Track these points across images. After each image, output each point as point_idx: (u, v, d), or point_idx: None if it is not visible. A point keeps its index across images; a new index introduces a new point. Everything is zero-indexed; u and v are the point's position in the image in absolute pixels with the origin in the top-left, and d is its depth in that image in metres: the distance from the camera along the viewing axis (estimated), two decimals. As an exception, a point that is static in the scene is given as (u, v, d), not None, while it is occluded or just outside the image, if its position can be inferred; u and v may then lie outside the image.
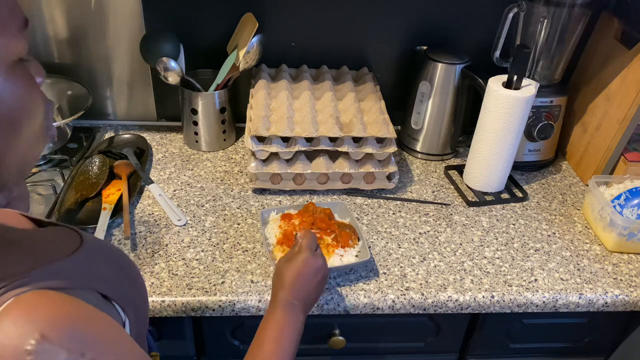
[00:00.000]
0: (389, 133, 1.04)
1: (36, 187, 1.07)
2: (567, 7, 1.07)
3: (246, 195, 1.07)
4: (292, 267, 0.72)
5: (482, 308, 0.89)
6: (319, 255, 0.76)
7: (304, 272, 0.72)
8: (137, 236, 0.95)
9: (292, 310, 0.70)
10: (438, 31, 1.22)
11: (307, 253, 0.74)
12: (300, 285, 0.72)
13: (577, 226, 1.06)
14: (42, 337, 0.37)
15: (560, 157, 1.28)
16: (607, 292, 0.91)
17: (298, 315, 0.70)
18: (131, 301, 0.52)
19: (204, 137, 1.19)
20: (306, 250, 0.74)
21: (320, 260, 0.74)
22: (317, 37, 1.21)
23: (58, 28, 1.15)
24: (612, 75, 1.12)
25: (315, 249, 0.76)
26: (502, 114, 1.02)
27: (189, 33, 1.17)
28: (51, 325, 0.38)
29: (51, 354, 0.37)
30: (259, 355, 0.65)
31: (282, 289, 0.71)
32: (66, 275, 0.45)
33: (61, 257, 0.47)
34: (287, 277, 0.72)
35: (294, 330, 0.68)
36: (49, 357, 0.37)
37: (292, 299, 0.70)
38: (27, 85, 0.45)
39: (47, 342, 0.37)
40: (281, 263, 0.75)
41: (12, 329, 0.37)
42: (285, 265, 0.73)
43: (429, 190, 1.13)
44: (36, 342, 0.37)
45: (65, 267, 0.46)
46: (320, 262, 0.74)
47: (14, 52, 0.43)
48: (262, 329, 0.68)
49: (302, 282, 0.72)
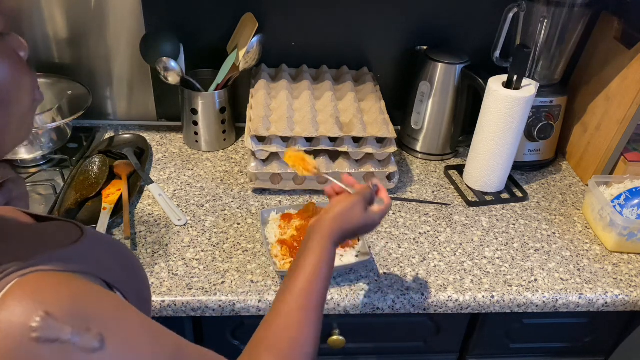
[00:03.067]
0: (389, 133, 1.04)
1: (36, 187, 1.07)
2: (567, 7, 1.07)
3: (246, 195, 1.07)
4: (338, 209, 0.69)
5: (482, 308, 0.89)
6: (372, 207, 0.73)
7: (358, 226, 0.70)
8: (137, 236, 0.95)
9: (332, 248, 0.67)
10: (438, 31, 1.22)
11: (360, 197, 0.71)
12: (349, 234, 0.70)
13: (577, 226, 1.06)
14: (47, 314, 0.38)
15: (560, 157, 1.28)
16: (607, 292, 0.91)
17: (334, 254, 0.68)
18: (134, 291, 0.53)
19: (204, 137, 1.19)
20: (361, 196, 0.71)
21: (378, 219, 0.72)
22: (317, 37, 1.21)
23: (58, 28, 1.15)
24: (612, 75, 1.12)
25: (369, 200, 0.73)
26: (502, 114, 1.02)
27: (189, 33, 1.17)
28: (55, 302, 0.39)
29: (56, 330, 0.38)
30: (295, 283, 0.63)
31: (331, 228, 0.68)
32: (68, 260, 0.45)
33: (63, 246, 0.48)
34: (342, 223, 0.69)
35: (330, 266, 0.66)
36: (55, 333, 0.38)
37: (337, 239, 0.68)
38: (9, 60, 0.44)
39: (52, 318, 0.38)
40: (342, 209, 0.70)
41: (17, 308, 0.38)
42: (332, 212, 0.70)
43: (429, 190, 1.13)
44: (41, 319, 0.38)
45: (67, 253, 0.47)
46: (377, 222, 0.73)
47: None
48: (301, 259, 0.66)
49: (352, 232, 0.70)
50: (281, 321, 0.60)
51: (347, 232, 0.70)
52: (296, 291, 0.62)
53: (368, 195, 0.73)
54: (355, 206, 0.70)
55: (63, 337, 0.38)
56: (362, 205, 0.71)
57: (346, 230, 0.69)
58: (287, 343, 0.59)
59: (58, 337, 0.38)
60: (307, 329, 0.61)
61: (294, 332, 0.60)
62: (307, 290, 0.63)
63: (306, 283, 0.63)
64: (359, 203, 0.71)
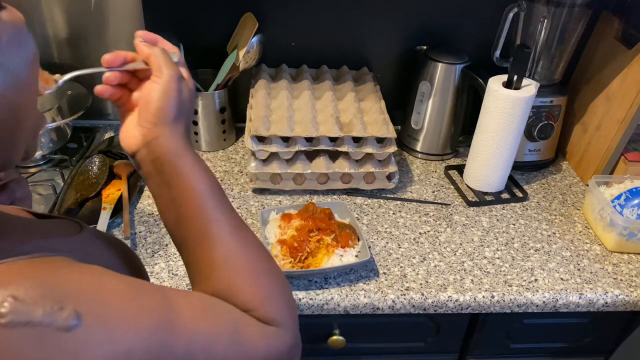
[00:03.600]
0: (389, 133, 1.04)
1: (36, 187, 1.07)
2: (567, 7, 1.07)
3: (246, 195, 1.07)
4: (171, 95, 0.55)
5: (482, 308, 0.89)
6: (181, 71, 0.58)
7: (181, 98, 0.56)
8: (137, 236, 0.95)
9: (192, 152, 0.56)
10: (438, 31, 1.22)
11: (171, 70, 0.56)
12: (184, 117, 0.57)
13: (577, 226, 1.06)
14: (14, 298, 0.37)
15: (560, 157, 1.28)
16: (607, 292, 0.91)
17: (195, 154, 0.56)
18: None
19: (204, 137, 1.19)
20: (174, 68, 0.57)
21: (188, 78, 0.59)
22: (317, 37, 1.21)
23: (58, 28, 1.15)
24: (612, 75, 1.12)
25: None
26: (502, 114, 1.02)
27: (189, 33, 1.17)
28: (21, 285, 0.38)
29: (26, 314, 0.37)
30: (214, 213, 0.55)
31: (168, 129, 0.55)
32: (55, 250, 0.44)
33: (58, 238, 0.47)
34: (167, 112, 0.55)
35: (206, 168, 0.57)
36: (24, 316, 0.36)
37: (187, 139, 0.57)
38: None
39: (19, 302, 0.37)
40: (146, 93, 0.56)
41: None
42: (161, 93, 0.55)
43: (429, 190, 1.13)
44: (9, 305, 0.36)
45: (59, 244, 0.46)
46: (190, 85, 0.59)
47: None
48: (189, 184, 0.55)
49: (186, 111, 0.57)
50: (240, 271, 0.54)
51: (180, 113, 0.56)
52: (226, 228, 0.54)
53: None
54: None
55: (34, 319, 0.37)
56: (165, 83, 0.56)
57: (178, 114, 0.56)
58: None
59: (29, 319, 0.36)
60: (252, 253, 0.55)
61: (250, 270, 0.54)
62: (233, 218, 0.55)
63: (223, 212, 0.55)
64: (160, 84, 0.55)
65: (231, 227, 0.55)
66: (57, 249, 0.44)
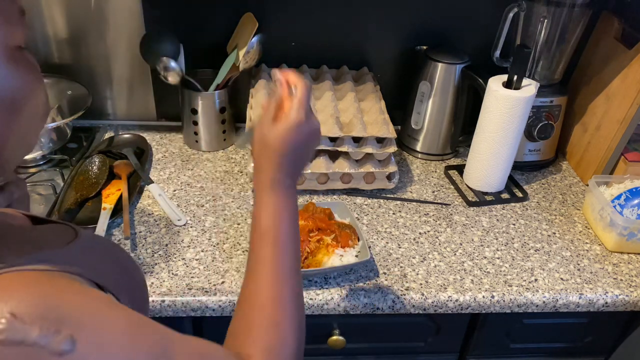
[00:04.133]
0: (389, 133, 1.04)
1: (36, 187, 1.07)
2: (567, 7, 1.07)
3: (246, 195, 1.07)
4: (283, 135, 0.58)
5: (482, 308, 0.89)
6: (312, 114, 0.61)
7: (298, 143, 0.58)
8: (137, 236, 0.95)
9: (287, 190, 0.59)
10: (438, 31, 1.22)
11: (302, 115, 0.58)
12: (294, 159, 0.59)
13: (577, 226, 1.06)
14: (12, 316, 0.36)
15: (560, 157, 1.28)
16: (607, 292, 0.91)
17: (293, 194, 0.59)
18: (129, 294, 0.51)
19: (204, 137, 1.19)
20: (300, 110, 0.59)
21: (316, 122, 0.61)
22: (317, 37, 1.21)
23: (58, 28, 1.15)
24: (612, 75, 1.12)
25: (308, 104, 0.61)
26: (502, 114, 1.02)
27: (189, 33, 1.17)
28: (22, 303, 0.37)
29: (22, 332, 0.36)
30: (262, 252, 0.57)
31: (270, 164, 0.58)
32: (52, 262, 0.44)
33: (52, 248, 0.47)
34: (276, 149, 0.58)
35: (292, 214, 0.59)
36: (20, 335, 0.36)
37: (285, 176, 0.59)
38: (28, 71, 0.45)
39: (18, 320, 0.36)
40: (265, 128, 0.59)
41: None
42: (272, 132, 0.58)
43: (429, 190, 1.13)
44: (6, 321, 0.36)
45: (54, 255, 0.45)
46: (317, 125, 0.61)
47: (14, 40, 0.44)
48: (256, 220, 0.58)
49: (297, 154, 0.59)
50: (257, 314, 0.56)
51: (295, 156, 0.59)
52: (266, 271, 0.56)
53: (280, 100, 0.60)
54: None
55: (29, 340, 0.36)
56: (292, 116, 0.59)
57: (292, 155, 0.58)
58: (271, 335, 0.55)
59: (23, 339, 0.36)
60: (286, 314, 0.56)
61: (274, 325, 0.55)
62: (278, 265, 0.56)
63: (273, 253, 0.57)
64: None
65: (273, 277, 0.56)
66: (52, 259, 0.44)
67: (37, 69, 0.47)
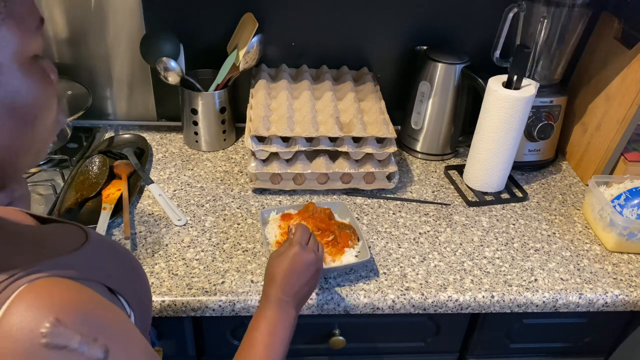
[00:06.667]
0: (389, 133, 1.04)
1: (36, 187, 1.07)
2: (567, 7, 1.07)
3: (246, 195, 1.07)
4: (283, 262, 0.72)
5: (482, 308, 0.89)
6: (310, 249, 0.74)
7: (294, 268, 0.71)
8: (137, 236, 0.95)
9: (284, 307, 0.69)
10: (438, 31, 1.22)
11: (297, 247, 0.73)
12: (292, 281, 0.71)
13: (577, 226, 1.06)
14: (57, 320, 0.38)
15: (560, 157, 1.28)
16: (607, 292, 0.91)
17: (290, 312, 0.69)
18: (136, 295, 0.53)
19: (204, 137, 1.19)
20: (296, 244, 0.73)
21: (312, 254, 0.74)
22: (317, 37, 1.21)
23: (58, 28, 1.15)
24: (612, 75, 1.12)
25: (307, 242, 0.75)
26: (502, 114, 1.02)
27: (189, 33, 1.17)
28: (65, 309, 0.39)
29: (65, 337, 0.38)
30: (251, 355, 0.64)
31: (272, 285, 0.71)
32: (74, 267, 0.46)
33: (69, 251, 0.48)
34: (277, 273, 0.71)
35: (285, 328, 0.68)
36: (63, 340, 0.38)
37: (283, 295, 0.70)
38: (42, 82, 0.45)
39: (62, 325, 0.38)
40: (272, 258, 0.74)
41: (27, 313, 0.38)
42: (275, 261, 0.73)
43: (429, 190, 1.13)
44: (51, 325, 0.38)
45: (73, 260, 0.47)
46: (312, 257, 0.73)
47: (31, 49, 0.44)
48: (252, 327, 0.67)
49: (294, 278, 0.71)
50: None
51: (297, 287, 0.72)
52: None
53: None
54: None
55: (71, 345, 0.38)
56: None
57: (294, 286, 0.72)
58: None
59: (67, 344, 0.38)
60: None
61: None
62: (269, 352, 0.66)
63: (265, 343, 0.66)
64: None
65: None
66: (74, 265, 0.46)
67: (52, 81, 0.47)
